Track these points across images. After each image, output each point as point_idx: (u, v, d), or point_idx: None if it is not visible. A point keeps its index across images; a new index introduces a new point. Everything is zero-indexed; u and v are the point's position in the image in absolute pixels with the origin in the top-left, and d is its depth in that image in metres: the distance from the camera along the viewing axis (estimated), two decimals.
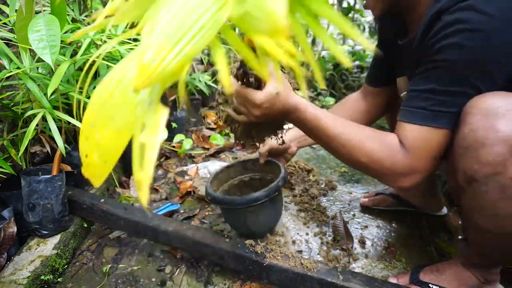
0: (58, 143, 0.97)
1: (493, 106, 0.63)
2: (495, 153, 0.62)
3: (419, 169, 0.74)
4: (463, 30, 0.65)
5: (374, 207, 1.35)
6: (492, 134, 0.62)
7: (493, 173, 0.63)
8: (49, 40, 0.72)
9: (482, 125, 0.63)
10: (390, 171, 0.76)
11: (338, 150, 0.80)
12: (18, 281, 0.89)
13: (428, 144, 0.73)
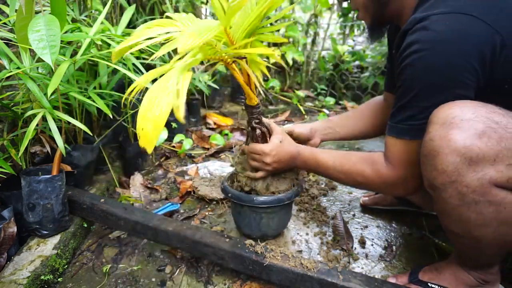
0: (58, 143, 0.97)
1: (449, 115, 0.66)
2: (448, 162, 0.65)
3: (405, 176, 0.81)
4: (415, 51, 0.72)
5: (374, 206, 1.35)
6: (445, 143, 0.65)
7: (449, 181, 0.66)
8: (49, 40, 0.72)
9: (438, 135, 0.66)
10: (381, 183, 0.86)
11: (339, 176, 0.93)
12: (18, 281, 0.89)
13: (407, 155, 0.79)
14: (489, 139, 0.63)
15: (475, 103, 0.68)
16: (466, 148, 0.63)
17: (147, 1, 1.94)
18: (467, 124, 0.64)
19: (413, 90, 0.74)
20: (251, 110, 0.95)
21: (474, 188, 0.64)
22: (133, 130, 1.57)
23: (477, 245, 0.74)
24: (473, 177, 0.64)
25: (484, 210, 0.66)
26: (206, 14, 2.85)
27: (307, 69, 3.13)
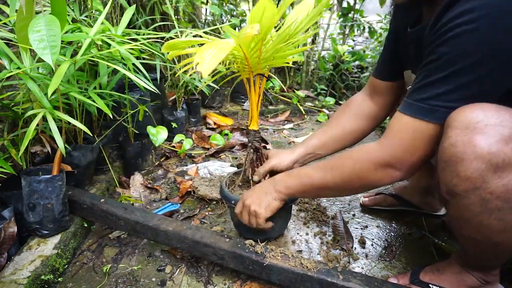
0: (58, 143, 0.97)
1: (472, 120, 0.63)
2: (473, 169, 0.62)
3: (400, 157, 0.74)
4: (468, 21, 0.63)
5: (374, 207, 1.35)
6: (470, 149, 0.62)
7: (472, 188, 0.64)
8: (49, 40, 0.72)
9: (460, 140, 0.63)
10: (373, 166, 0.77)
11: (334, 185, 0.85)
12: (19, 281, 0.89)
13: (413, 135, 0.72)
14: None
15: (497, 106, 0.65)
16: (492, 154, 0.61)
17: (147, 1, 1.94)
18: (493, 130, 0.62)
19: (454, 64, 0.66)
20: (254, 134, 1.05)
21: (499, 195, 0.63)
22: (133, 130, 1.57)
23: (494, 249, 0.72)
24: (498, 184, 0.62)
25: (506, 216, 0.65)
26: (206, 14, 2.85)
27: (307, 69, 3.13)
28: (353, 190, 0.86)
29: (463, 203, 0.67)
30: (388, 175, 0.76)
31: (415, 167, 0.75)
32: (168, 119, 1.97)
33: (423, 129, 0.71)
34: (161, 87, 1.91)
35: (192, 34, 1.87)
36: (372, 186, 0.82)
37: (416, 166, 0.75)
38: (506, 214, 0.64)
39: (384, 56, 1.08)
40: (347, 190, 0.87)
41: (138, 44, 1.15)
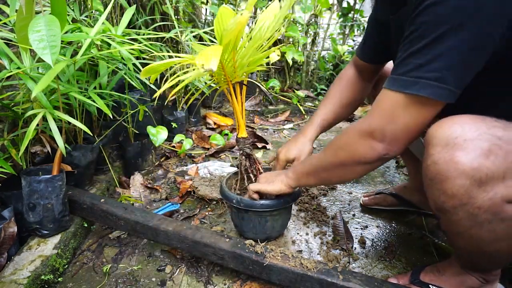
0: (58, 143, 0.97)
1: (451, 136, 0.63)
2: (458, 186, 0.62)
3: (380, 127, 0.72)
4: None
5: (374, 207, 1.35)
6: (452, 166, 0.62)
7: (460, 204, 0.64)
8: (49, 40, 0.72)
9: (442, 157, 0.63)
10: (357, 136, 0.76)
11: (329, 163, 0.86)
12: (19, 281, 0.89)
13: (392, 107, 0.70)
14: (496, 157, 0.61)
15: (473, 117, 0.65)
16: (474, 169, 0.61)
17: (147, 2, 1.94)
18: (472, 144, 0.61)
19: (432, 32, 0.62)
20: (244, 141, 1.07)
21: (487, 208, 0.63)
22: (133, 130, 1.57)
23: (489, 258, 0.73)
24: (485, 198, 0.62)
25: (496, 227, 0.65)
26: (206, 14, 2.85)
27: (307, 69, 3.13)
28: (345, 168, 0.82)
29: (453, 219, 0.67)
30: (371, 146, 0.74)
31: (399, 140, 0.72)
32: (168, 119, 1.97)
33: (404, 101, 0.68)
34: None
35: (192, 34, 1.88)
36: (359, 161, 0.78)
37: (400, 139, 0.71)
38: (496, 226, 0.65)
39: (368, 42, 1.06)
40: (340, 168, 0.83)
41: (138, 44, 1.15)
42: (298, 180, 0.96)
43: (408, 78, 0.66)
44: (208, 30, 2.08)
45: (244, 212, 1.03)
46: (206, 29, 2.03)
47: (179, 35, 1.85)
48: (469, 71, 0.64)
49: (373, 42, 1.04)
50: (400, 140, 0.72)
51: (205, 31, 1.94)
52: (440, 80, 0.63)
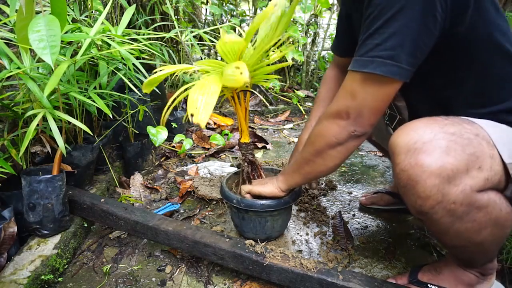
0: (58, 143, 0.97)
1: (410, 142, 0.67)
2: (430, 187, 0.65)
3: (342, 106, 0.76)
4: None
5: (372, 206, 1.35)
6: (419, 170, 0.65)
7: (436, 203, 0.66)
8: (49, 40, 0.72)
9: (408, 163, 0.66)
10: (326, 119, 0.80)
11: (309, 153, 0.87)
12: (19, 280, 0.89)
13: (352, 86, 0.74)
14: (455, 152, 0.64)
15: (426, 120, 0.69)
16: (440, 168, 0.64)
17: (147, 1, 1.94)
18: (431, 146, 0.65)
19: (386, 12, 0.67)
20: (247, 147, 1.07)
21: (461, 201, 0.66)
22: (133, 130, 1.57)
23: (480, 249, 0.75)
24: (457, 192, 0.65)
25: (475, 217, 0.68)
26: (206, 14, 2.85)
27: (307, 69, 3.13)
28: (322, 155, 0.84)
29: (434, 219, 0.69)
30: (338, 125, 0.78)
31: (363, 116, 0.74)
32: (168, 119, 1.97)
33: (362, 80, 0.72)
34: (161, 87, 1.91)
35: (192, 34, 1.88)
36: (331, 144, 0.80)
37: (363, 116, 0.74)
38: (474, 215, 0.67)
39: (340, 36, 1.09)
40: (318, 157, 0.85)
41: (138, 44, 1.15)
42: (287, 181, 0.98)
43: (366, 58, 0.70)
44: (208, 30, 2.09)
45: (244, 212, 1.03)
46: (206, 29, 2.04)
47: (179, 35, 1.85)
48: (420, 49, 0.68)
49: (343, 35, 1.06)
50: (364, 116, 0.75)
51: (205, 31, 1.94)
52: (393, 59, 0.67)
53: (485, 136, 0.68)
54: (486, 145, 0.67)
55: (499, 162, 0.67)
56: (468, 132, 0.67)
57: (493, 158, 0.67)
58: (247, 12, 3.00)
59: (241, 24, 2.81)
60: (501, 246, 0.79)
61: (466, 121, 0.70)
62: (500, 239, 0.73)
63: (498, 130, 0.71)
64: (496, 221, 0.69)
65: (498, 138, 0.69)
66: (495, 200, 0.68)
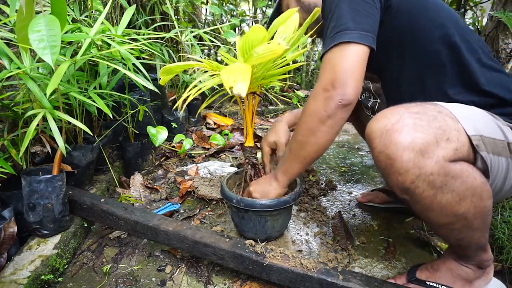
0: (58, 143, 0.97)
1: (381, 126, 0.73)
2: (406, 161, 0.70)
3: (326, 80, 0.83)
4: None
5: (369, 203, 1.36)
6: (393, 147, 0.71)
7: (415, 176, 0.71)
8: (49, 40, 0.72)
9: (383, 144, 0.72)
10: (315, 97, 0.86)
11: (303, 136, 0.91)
12: (19, 280, 0.89)
13: (327, 62, 0.84)
14: (422, 127, 0.70)
15: (391, 107, 0.77)
16: (411, 142, 0.69)
17: (147, 1, 1.94)
18: (400, 125, 0.71)
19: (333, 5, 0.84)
20: (251, 150, 1.10)
21: (438, 172, 0.70)
22: (133, 130, 1.57)
23: (466, 224, 0.76)
24: (432, 163, 0.69)
25: (454, 186, 0.71)
26: (206, 14, 2.85)
27: (307, 69, 3.13)
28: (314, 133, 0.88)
29: (417, 193, 0.73)
30: (325, 98, 0.83)
31: (346, 82, 0.81)
32: (168, 119, 1.97)
33: (334, 53, 0.82)
34: (161, 87, 1.91)
35: (192, 34, 1.88)
36: (321, 118, 0.85)
37: (346, 82, 0.81)
38: (452, 185, 0.71)
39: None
40: (310, 136, 0.89)
41: (138, 44, 1.15)
42: (287, 175, 1.00)
43: (331, 38, 0.83)
44: (208, 30, 2.08)
45: (244, 212, 1.04)
46: (206, 29, 2.03)
47: (179, 35, 1.85)
48: (364, 16, 0.82)
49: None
50: (347, 82, 0.81)
51: (205, 31, 1.94)
52: (345, 29, 0.81)
53: (447, 113, 0.74)
54: (450, 120, 0.73)
55: (464, 134, 0.73)
56: (431, 110, 0.74)
57: (459, 131, 0.72)
58: (247, 12, 3.00)
59: (241, 24, 2.81)
60: (487, 226, 0.80)
61: (428, 103, 0.78)
62: (482, 213, 0.75)
63: (459, 107, 0.78)
64: (474, 190, 0.72)
65: (460, 113, 0.75)
66: (468, 169, 0.72)
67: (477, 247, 0.83)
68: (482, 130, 0.74)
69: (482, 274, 0.88)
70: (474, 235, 0.80)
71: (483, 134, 0.74)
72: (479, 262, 0.86)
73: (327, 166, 1.78)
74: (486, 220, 0.78)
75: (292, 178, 1.01)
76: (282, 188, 1.01)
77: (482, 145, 0.73)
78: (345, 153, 1.98)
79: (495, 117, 0.81)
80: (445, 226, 0.78)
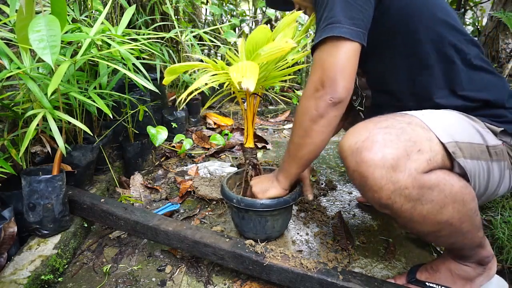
0: (58, 143, 0.97)
1: (351, 144, 0.73)
2: (379, 178, 0.69)
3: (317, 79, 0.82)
4: None
5: (367, 203, 1.35)
6: (365, 166, 0.70)
7: (390, 192, 0.70)
8: (49, 40, 0.72)
9: (354, 163, 0.72)
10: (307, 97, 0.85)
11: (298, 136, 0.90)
12: (19, 280, 0.89)
13: (317, 60, 0.82)
14: (391, 142, 0.69)
15: (363, 123, 0.76)
16: (382, 159, 0.68)
17: (147, 1, 1.94)
18: (369, 142, 0.70)
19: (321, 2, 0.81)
20: (251, 151, 1.10)
21: (412, 185, 0.69)
22: (133, 130, 1.57)
23: (453, 229, 0.75)
24: (404, 177, 0.68)
25: (431, 196, 0.70)
26: (206, 14, 2.85)
27: (307, 69, 3.13)
28: (309, 134, 0.88)
29: (397, 208, 0.72)
30: (316, 98, 0.82)
31: (336, 80, 0.79)
32: (168, 119, 1.97)
33: (323, 49, 0.81)
34: (161, 87, 1.91)
35: (192, 34, 1.87)
36: (313, 118, 0.84)
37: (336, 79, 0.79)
38: (430, 195, 0.70)
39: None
40: (305, 138, 0.89)
41: (138, 44, 1.15)
42: (287, 176, 1.00)
43: (320, 31, 0.80)
44: (208, 30, 2.08)
45: (245, 211, 1.04)
46: (206, 29, 2.03)
47: (179, 35, 1.85)
48: (356, 10, 0.78)
49: None
50: (336, 79, 0.79)
51: (205, 31, 1.93)
52: (336, 22, 0.77)
53: (418, 122, 0.74)
54: (420, 130, 0.72)
55: (438, 143, 0.72)
56: (400, 122, 0.73)
57: (431, 140, 0.71)
58: (247, 12, 3.00)
59: (241, 24, 2.81)
60: (478, 226, 0.79)
61: (398, 115, 0.77)
62: (468, 216, 0.75)
63: (431, 115, 0.77)
64: (454, 197, 0.71)
65: (432, 122, 0.74)
66: (444, 177, 0.71)
67: (472, 246, 0.83)
68: (457, 136, 0.74)
69: (483, 271, 0.87)
70: (465, 237, 0.79)
71: (458, 140, 0.73)
72: (479, 259, 0.86)
73: (327, 166, 1.78)
74: (474, 221, 0.77)
75: (292, 180, 1.00)
76: (282, 189, 1.01)
77: (458, 151, 0.72)
78: None
79: (474, 121, 0.80)
80: (431, 234, 0.78)
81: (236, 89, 1.04)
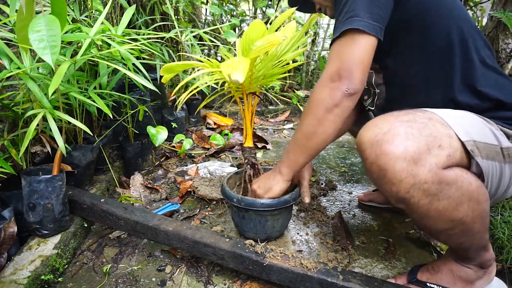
0: (58, 143, 0.97)
1: (372, 136, 0.73)
2: (399, 171, 0.69)
3: (333, 69, 0.83)
4: None
5: (370, 203, 1.35)
6: (386, 158, 0.70)
7: (410, 186, 0.70)
8: (49, 40, 0.72)
9: (374, 155, 0.72)
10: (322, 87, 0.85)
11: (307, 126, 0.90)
12: (19, 280, 0.89)
13: (335, 52, 0.83)
14: (413, 136, 0.69)
15: (381, 116, 0.76)
16: (403, 152, 0.68)
17: (147, 1, 1.94)
18: (391, 134, 0.70)
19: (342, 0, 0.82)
20: (250, 151, 1.11)
21: (431, 179, 0.69)
22: (133, 130, 1.57)
23: (465, 227, 0.76)
24: (425, 171, 0.68)
25: (449, 192, 0.70)
26: (206, 14, 2.85)
27: (307, 69, 3.13)
28: (321, 122, 0.88)
29: (413, 203, 0.72)
30: (332, 87, 0.83)
31: (352, 71, 0.80)
32: (168, 119, 1.97)
33: (341, 41, 0.82)
34: (161, 87, 1.91)
35: (192, 34, 1.87)
36: (328, 107, 0.85)
37: (353, 70, 0.80)
38: (448, 191, 0.70)
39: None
40: (317, 126, 0.89)
41: (138, 44, 1.15)
42: (291, 167, 0.99)
43: (340, 24, 0.81)
44: (208, 30, 2.08)
45: (245, 211, 1.04)
46: (206, 29, 2.03)
47: (179, 35, 1.85)
48: (377, 9, 0.79)
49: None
50: (353, 71, 0.80)
51: (205, 31, 1.93)
52: (355, 15, 0.79)
53: (438, 119, 0.74)
54: (440, 126, 0.72)
55: (457, 140, 0.72)
56: (421, 118, 0.73)
57: (451, 136, 0.72)
58: (247, 12, 3.00)
59: (241, 24, 2.81)
60: (486, 228, 0.80)
61: (419, 110, 0.77)
62: (481, 216, 0.75)
63: (450, 113, 0.78)
64: (470, 195, 0.72)
65: (451, 119, 0.75)
66: (462, 175, 0.71)
67: (479, 247, 0.83)
68: (474, 135, 0.74)
69: (483, 274, 0.87)
70: (474, 237, 0.79)
71: (476, 139, 0.74)
72: (481, 262, 0.86)
73: (327, 166, 1.78)
74: (485, 222, 0.78)
75: (296, 170, 1.00)
76: (285, 182, 1.01)
77: (476, 150, 0.73)
78: (345, 153, 1.98)
79: (488, 122, 0.81)
80: (444, 232, 0.78)
81: (230, 84, 1.05)
